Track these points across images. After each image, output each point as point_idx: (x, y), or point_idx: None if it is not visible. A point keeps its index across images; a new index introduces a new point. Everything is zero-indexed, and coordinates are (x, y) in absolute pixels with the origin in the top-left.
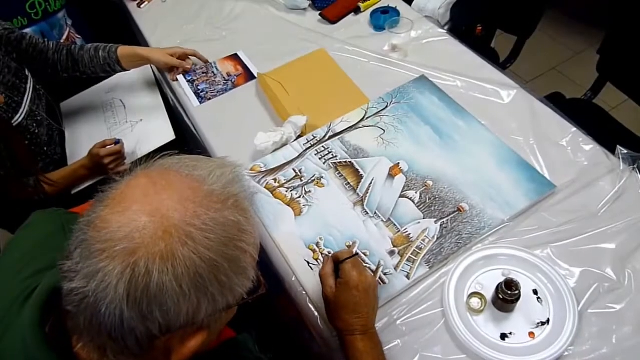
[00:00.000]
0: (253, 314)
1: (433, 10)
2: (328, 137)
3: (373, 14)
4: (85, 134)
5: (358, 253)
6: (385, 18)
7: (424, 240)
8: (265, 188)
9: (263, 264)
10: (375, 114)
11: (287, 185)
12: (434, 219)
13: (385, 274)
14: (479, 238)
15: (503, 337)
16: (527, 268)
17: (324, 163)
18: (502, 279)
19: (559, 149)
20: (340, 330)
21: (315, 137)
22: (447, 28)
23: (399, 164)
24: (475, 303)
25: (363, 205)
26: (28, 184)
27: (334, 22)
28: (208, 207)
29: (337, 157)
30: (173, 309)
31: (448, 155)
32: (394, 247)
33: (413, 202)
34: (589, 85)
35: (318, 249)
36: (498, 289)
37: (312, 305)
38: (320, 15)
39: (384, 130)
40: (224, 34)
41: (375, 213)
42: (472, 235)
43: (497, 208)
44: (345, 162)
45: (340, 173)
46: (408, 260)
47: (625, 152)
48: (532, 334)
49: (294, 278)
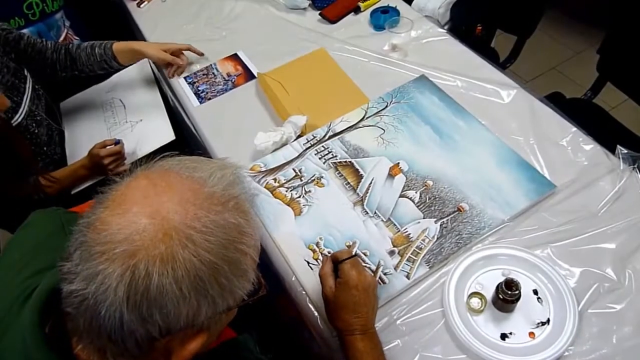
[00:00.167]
0: (253, 315)
1: (433, 10)
2: (328, 136)
3: (373, 14)
4: (85, 134)
5: (357, 253)
6: (385, 18)
7: (424, 240)
8: (265, 188)
9: (263, 264)
10: (375, 114)
11: (287, 185)
12: (434, 219)
13: (385, 274)
14: (479, 238)
15: (503, 337)
16: (527, 268)
17: (324, 163)
18: (502, 279)
19: (559, 149)
20: (340, 330)
21: (315, 136)
22: (447, 28)
23: (399, 164)
24: (475, 303)
25: (363, 205)
26: (28, 183)
27: (334, 21)
28: (208, 209)
29: (337, 156)
30: (173, 312)
31: (448, 155)
32: (394, 247)
33: (413, 202)
34: (589, 85)
35: (318, 249)
36: (498, 289)
37: (312, 305)
38: (320, 15)
39: (384, 130)
40: (224, 34)
41: (375, 213)
42: (472, 235)
43: (497, 208)
44: (345, 161)
45: (340, 173)
46: (408, 260)
47: (625, 152)
48: (532, 334)
49: (294, 278)
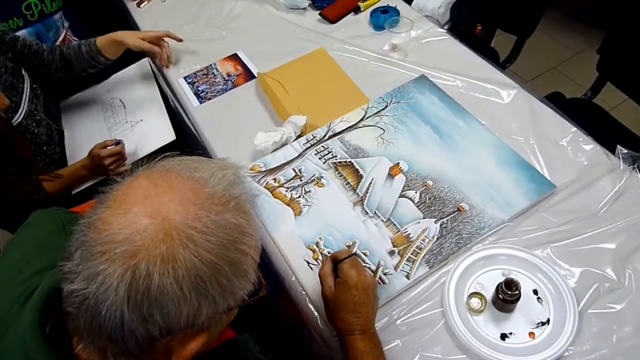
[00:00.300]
0: (253, 315)
1: (433, 10)
2: (328, 136)
3: (373, 14)
4: (85, 134)
5: (357, 252)
6: (385, 17)
7: (424, 240)
8: (265, 188)
9: (263, 264)
10: (375, 114)
11: (286, 185)
12: (434, 219)
13: (385, 274)
14: (479, 238)
15: (503, 337)
16: (527, 268)
17: (324, 163)
18: (502, 279)
19: (559, 149)
20: (340, 330)
21: (315, 136)
22: (447, 27)
23: (399, 164)
24: (475, 303)
25: (363, 205)
26: (28, 183)
27: (334, 21)
28: (209, 209)
29: (337, 156)
30: (173, 312)
31: (448, 155)
32: (394, 247)
33: (413, 202)
34: (589, 85)
35: (318, 249)
36: (498, 289)
37: (311, 305)
38: (320, 15)
39: (384, 130)
40: (224, 34)
41: (375, 213)
42: (472, 235)
43: (497, 208)
44: (345, 161)
45: (340, 173)
46: (408, 260)
47: (625, 151)
48: (532, 334)
49: (294, 278)
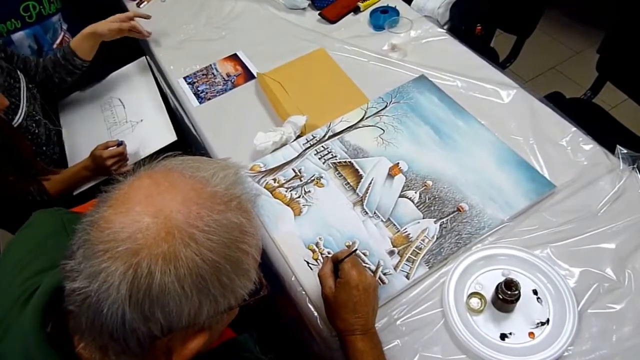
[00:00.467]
0: (254, 315)
1: (432, 10)
2: (327, 137)
3: (372, 14)
4: (85, 134)
5: (357, 249)
6: (385, 18)
7: (424, 240)
8: (265, 188)
9: (263, 264)
10: (375, 114)
11: (286, 185)
12: (434, 219)
13: (385, 274)
14: (479, 238)
15: (503, 337)
16: (526, 268)
17: (324, 163)
18: (501, 279)
19: (559, 149)
20: (340, 330)
21: (315, 137)
22: (446, 28)
23: (399, 164)
24: (475, 303)
25: (362, 205)
26: (29, 184)
27: (334, 21)
28: (211, 208)
29: (336, 157)
30: (175, 310)
31: (448, 155)
32: (394, 247)
33: (412, 202)
34: (589, 85)
35: (317, 249)
36: (498, 289)
37: (311, 305)
38: (320, 15)
39: (384, 130)
40: (224, 34)
41: (375, 213)
42: (471, 235)
43: (496, 208)
44: (345, 162)
45: (340, 173)
46: (408, 260)
47: (625, 151)
48: (532, 334)
49: (294, 278)
